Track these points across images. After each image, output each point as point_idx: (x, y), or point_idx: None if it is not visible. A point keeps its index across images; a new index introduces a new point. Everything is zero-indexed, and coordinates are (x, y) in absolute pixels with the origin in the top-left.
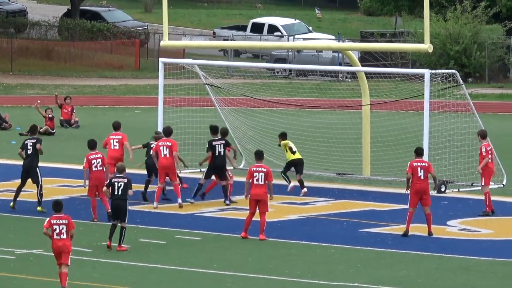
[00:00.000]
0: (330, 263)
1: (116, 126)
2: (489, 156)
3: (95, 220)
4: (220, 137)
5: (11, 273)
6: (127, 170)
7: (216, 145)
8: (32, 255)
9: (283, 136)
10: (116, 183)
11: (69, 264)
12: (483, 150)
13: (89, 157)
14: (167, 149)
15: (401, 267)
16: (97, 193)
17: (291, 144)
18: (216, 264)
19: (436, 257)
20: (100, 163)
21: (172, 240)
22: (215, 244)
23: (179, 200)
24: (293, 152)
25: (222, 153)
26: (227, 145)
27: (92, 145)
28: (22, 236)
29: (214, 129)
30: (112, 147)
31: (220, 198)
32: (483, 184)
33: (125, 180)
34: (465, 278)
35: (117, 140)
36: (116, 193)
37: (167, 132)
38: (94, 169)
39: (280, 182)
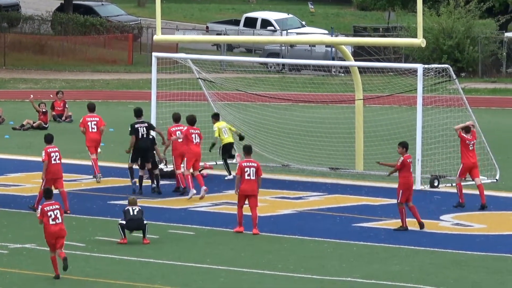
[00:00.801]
0: (323, 257)
1: (92, 108)
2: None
3: (68, 211)
4: (143, 120)
5: (4, 268)
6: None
7: (139, 128)
8: (25, 249)
9: (215, 116)
10: (130, 208)
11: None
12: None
13: (48, 150)
14: (198, 137)
15: (394, 261)
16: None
17: (225, 127)
18: (209, 259)
19: (429, 251)
20: (58, 156)
21: (165, 234)
22: (208, 238)
23: (204, 187)
24: (226, 136)
25: (145, 136)
26: (150, 128)
27: (48, 139)
28: (15, 231)
29: (137, 112)
30: (90, 130)
31: (214, 192)
32: (457, 176)
33: (139, 208)
34: (458, 273)
35: (94, 123)
36: (131, 214)
37: (192, 121)
38: (53, 162)
39: (272, 177)
